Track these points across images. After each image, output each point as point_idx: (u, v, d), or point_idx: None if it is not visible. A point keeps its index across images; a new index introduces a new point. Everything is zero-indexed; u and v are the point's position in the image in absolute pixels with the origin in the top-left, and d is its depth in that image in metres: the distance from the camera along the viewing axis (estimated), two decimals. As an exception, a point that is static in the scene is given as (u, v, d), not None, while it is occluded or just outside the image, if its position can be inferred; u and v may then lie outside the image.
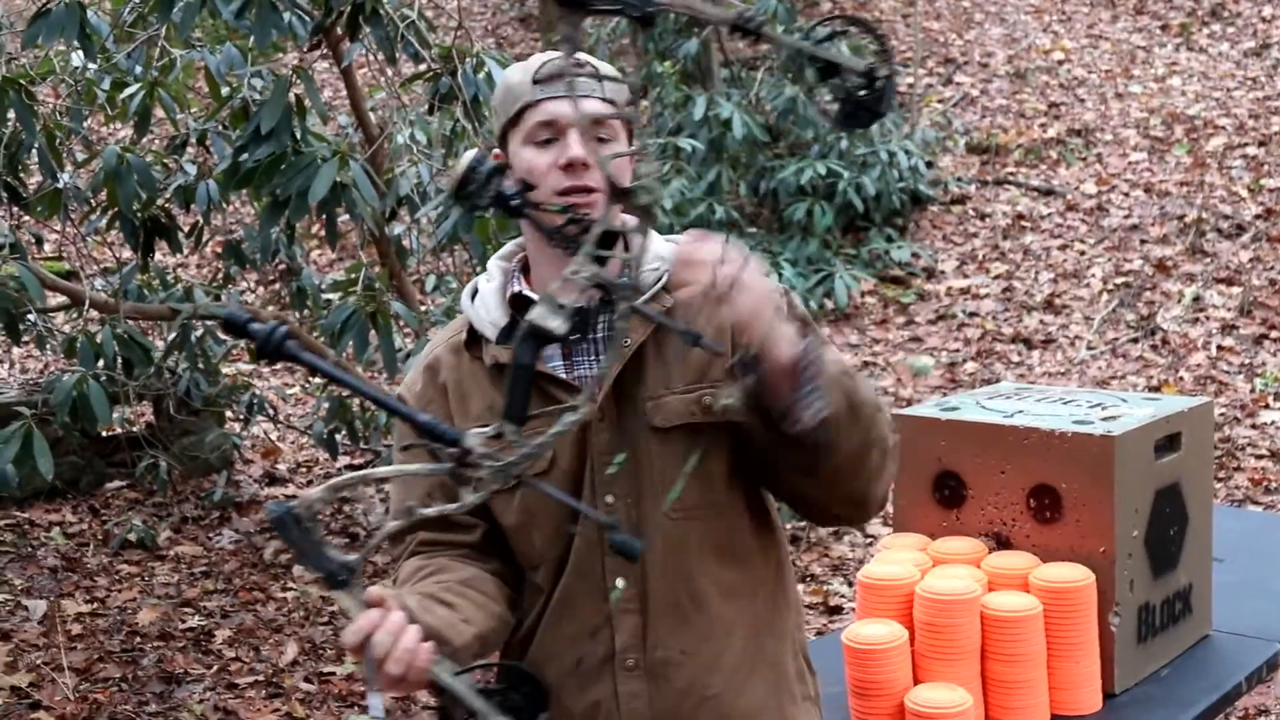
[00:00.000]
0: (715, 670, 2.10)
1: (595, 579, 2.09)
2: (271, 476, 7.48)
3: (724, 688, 2.10)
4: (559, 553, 2.11)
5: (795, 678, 2.20)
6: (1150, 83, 11.55)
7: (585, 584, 2.10)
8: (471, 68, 5.04)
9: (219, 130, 5.36)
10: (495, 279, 2.20)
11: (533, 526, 2.11)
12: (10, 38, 5.41)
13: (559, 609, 2.12)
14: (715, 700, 2.10)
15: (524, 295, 2.14)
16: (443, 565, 2.10)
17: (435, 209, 5.00)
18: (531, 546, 2.13)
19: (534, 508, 2.10)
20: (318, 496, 1.72)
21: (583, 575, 2.09)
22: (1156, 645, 2.99)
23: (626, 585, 2.08)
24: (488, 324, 2.15)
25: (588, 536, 2.09)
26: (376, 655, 1.77)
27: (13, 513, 6.84)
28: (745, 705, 2.12)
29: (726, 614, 2.10)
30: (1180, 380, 7.76)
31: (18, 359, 8.69)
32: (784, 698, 2.16)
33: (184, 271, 8.52)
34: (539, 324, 1.65)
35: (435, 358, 2.21)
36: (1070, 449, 2.84)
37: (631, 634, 2.08)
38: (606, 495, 2.08)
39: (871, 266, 9.57)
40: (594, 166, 2.03)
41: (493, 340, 2.13)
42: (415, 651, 1.79)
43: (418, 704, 4.94)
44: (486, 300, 2.17)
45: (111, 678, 5.15)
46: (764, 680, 2.14)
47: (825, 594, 5.62)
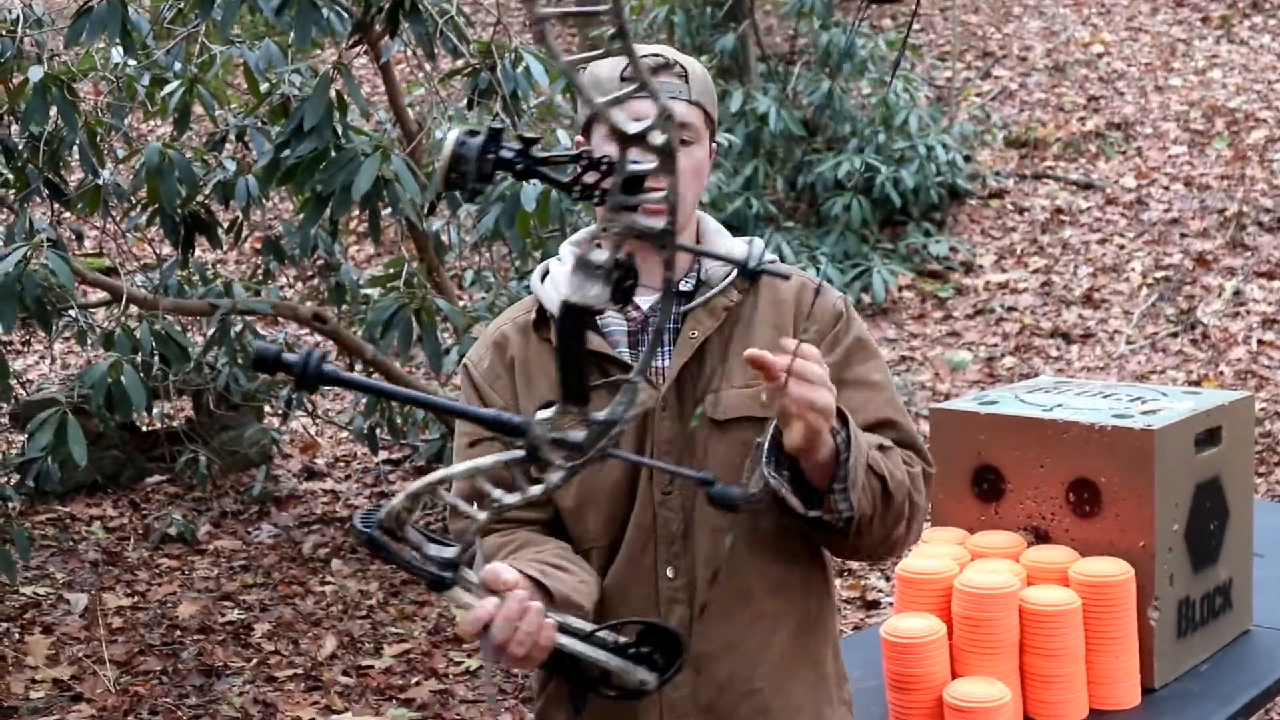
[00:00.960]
0: (758, 664, 2.10)
1: (647, 568, 2.10)
2: (310, 471, 7.52)
3: (765, 683, 2.11)
4: (612, 538, 2.12)
5: (834, 679, 2.21)
6: (1190, 75, 11.46)
7: (637, 573, 2.11)
8: (510, 62, 5.05)
9: (258, 126, 5.39)
10: (568, 262, 2.19)
11: (589, 510, 2.12)
12: (52, 35, 5.45)
13: (610, 595, 2.12)
14: (757, 695, 2.10)
15: None
16: (529, 539, 2.10)
17: (475, 204, 5.01)
18: (586, 530, 2.13)
19: (591, 491, 2.11)
20: (400, 506, 1.69)
21: (634, 563, 2.10)
22: (1196, 640, 2.98)
23: (676, 575, 2.09)
24: (556, 304, 2.13)
25: (641, 525, 2.09)
26: (496, 642, 1.77)
27: (54, 507, 6.90)
28: (786, 702, 2.12)
29: (771, 609, 2.11)
30: (1220, 375, 7.71)
31: (59, 354, 8.75)
32: (822, 699, 2.17)
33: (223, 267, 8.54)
34: (575, 300, 1.52)
35: (503, 334, 2.21)
36: (1110, 443, 2.82)
37: (678, 623, 2.08)
38: (665, 485, 2.09)
39: (909, 261, 9.54)
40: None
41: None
42: (537, 632, 1.79)
43: (455, 698, 4.96)
44: (558, 281, 2.17)
45: (152, 670, 5.19)
46: (804, 680, 2.15)
47: (863, 588, 5.61)
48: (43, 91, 4.73)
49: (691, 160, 2.07)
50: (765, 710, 2.11)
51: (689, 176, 2.07)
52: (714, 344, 2.10)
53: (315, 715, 4.84)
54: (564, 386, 1.62)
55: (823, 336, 2.13)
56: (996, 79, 11.93)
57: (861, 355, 2.14)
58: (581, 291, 1.52)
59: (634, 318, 2.13)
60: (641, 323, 2.13)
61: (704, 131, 2.10)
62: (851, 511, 1.94)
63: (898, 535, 2.04)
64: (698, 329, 2.09)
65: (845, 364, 2.12)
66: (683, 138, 2.06)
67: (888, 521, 2.00)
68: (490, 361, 2.20)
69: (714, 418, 2.07)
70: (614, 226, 1.54)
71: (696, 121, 2.08)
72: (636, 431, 2.09)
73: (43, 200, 5.45)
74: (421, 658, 5.27)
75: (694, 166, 2.08)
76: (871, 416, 2.10)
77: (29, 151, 5.23)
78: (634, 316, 2.13)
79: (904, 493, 2.02)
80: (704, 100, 2.09)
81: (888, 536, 2.02)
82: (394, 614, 5.67)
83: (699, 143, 2.09)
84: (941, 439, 3.10)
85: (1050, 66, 11.96)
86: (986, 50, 12.36)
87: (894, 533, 2.03)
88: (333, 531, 6.62)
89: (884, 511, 1.99)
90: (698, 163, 2.09)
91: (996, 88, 11.75)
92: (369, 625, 5.58)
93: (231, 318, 5.94)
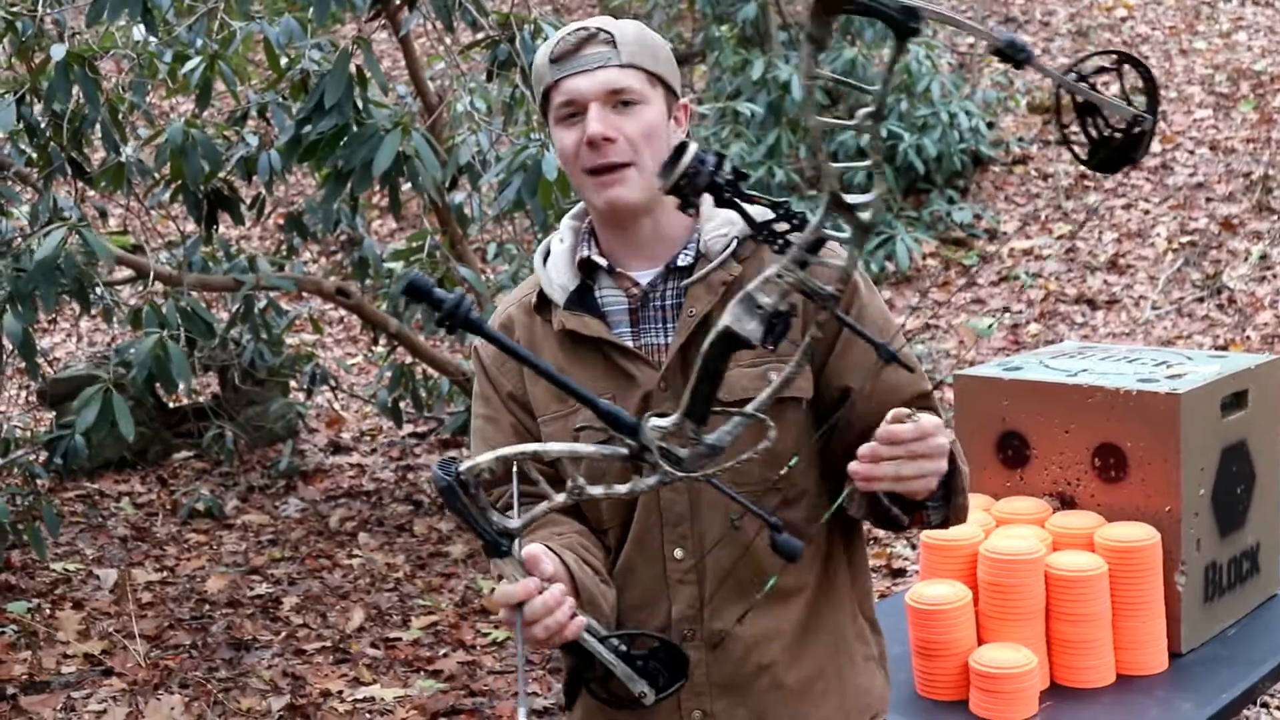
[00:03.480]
0: (772, 639, 2.09)
1: (654, 548, 2.09)
2: (336, 445, 7.54)
3: (780, 656, 2.09)
4: (622, 520, 2.12)
5: (855, 639, 2.18)
6: (1215, 38, 11.37)
7: (645, 553, 2.10)
8: (529, 34, 5.05)
9: (279, 102, 5.39)
10: (567, 240, 2.18)
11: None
12: (73, 14, 5.45)
13: (622, 576, 2.12)
14: (771, 669, 2.09)
15: (593, 260, 2.12)
16: (551, 518, 2.08)
17: (496, 176, 5.01)
18: (599, 512, 2.13)
19: (600, 474, 2.09)
20: (485, 464, 1.71)
21: (642, 544, 2.10)
22: (1223, 605, 2.97)
23: (684, 555, 2.08)
24: (557, 288, 2.13)
25: (647, 505, 2.09)
26: (525, 619, 1.80)
27: (83, 484, 6.94)
28: (802, 673, 2.11)
29: (784, 584, 2.08)
30: (1247, 339, 7.67)
31: (85, 332, 8.79)
32: (843, 661, 2.15)
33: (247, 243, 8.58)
34: (735, 329, 1.61)
35: (509, 316, 2.20)
36: (1135, 407, 2.82)
37: (688, 604, 2.08)
38: None
39: (933, 228, 9.50)
40: (619, 140, 2.01)
41: (560, 305, 2.11)
42: (565, 624, 1.83)
43: (483, 669, 4.98)
44: (557, 262, 2.15)
45: (181, 644, 5.22)
46: (822, 646, 2.13)
47: (889, 556, 5.61)
48: (65, 70, 4.73)
49: (639, 121, 2.03)
50: (781, 684, 2.10)
51: (639, 139, 2.03)
52: (715, 319, 2.04)
53: (344, 687, 4.86)
54: (691, 401, 1.66)
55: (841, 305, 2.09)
56: (1019, 44, 11.86)
57: (890, 329, 2.09)
58: (741, 323, 1.61)
59: (633, 294, 2.10)
60: (641, 299, 2.10)
61: (649, 91, 2.05)
62: (944, 521, 1.96)
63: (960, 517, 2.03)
64: (696, 306, 2.05)
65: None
66: (622, 99, 2.02)
67: (961, 512, 2.00)
68: (503, 360, 2.18)
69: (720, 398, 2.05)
70: (788, 277, 1.60)
71: (634, 84, 2.03)
72: (638, 410, 2.05)
73: (66, 179, 5.46)
74: (449, 629, 5.29)
75: (642, 128, 2.03)
76: (909, 392, 2.07)
77: (51, 130, 5.24)
78: (633, 293, 2.10)
79: (968, 479, 2.01)
80: (640, 61, 2.04)
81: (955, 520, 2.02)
82: (421, 586, 5.70)
83: (645, 103, 2.04)
84: (966, 405, 3.09)
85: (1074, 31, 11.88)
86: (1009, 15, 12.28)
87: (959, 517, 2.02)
88: (359, 505, 6.64)
89: (960, 505, 1.98)
90: (646, 124, 2.03)
91: (1019, 53, 11.67)
92: (396, 598, 5.60)
93: (256, 293, 5.96)
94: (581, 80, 2.02)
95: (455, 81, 5.91)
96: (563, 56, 2.04)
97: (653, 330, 2.10)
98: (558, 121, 2.06)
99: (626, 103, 2.03)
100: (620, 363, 2.08)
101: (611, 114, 2.02)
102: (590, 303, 2.12)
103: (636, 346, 2.09)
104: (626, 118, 2.03)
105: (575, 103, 2.03)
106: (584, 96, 2.02)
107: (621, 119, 2.03)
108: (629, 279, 2.11)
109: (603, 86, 2.02)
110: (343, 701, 4.77)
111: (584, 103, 2.02)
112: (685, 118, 2.15)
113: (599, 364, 2.09)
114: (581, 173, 2.05)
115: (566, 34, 2.05)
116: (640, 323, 2.11)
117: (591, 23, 2.06)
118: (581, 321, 2.09)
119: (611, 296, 2.12)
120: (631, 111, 2.03)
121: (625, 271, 2.11)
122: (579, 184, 2.08)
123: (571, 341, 2.10)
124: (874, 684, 2.21)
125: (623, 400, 2.06)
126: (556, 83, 2.04)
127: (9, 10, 4.95)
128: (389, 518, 6.46)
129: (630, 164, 2.03)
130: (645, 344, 2.10)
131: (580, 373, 2.09)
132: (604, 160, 2.02)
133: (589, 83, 2.02)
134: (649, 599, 2.10)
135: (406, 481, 6.94)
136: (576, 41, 2.03)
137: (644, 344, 2.10)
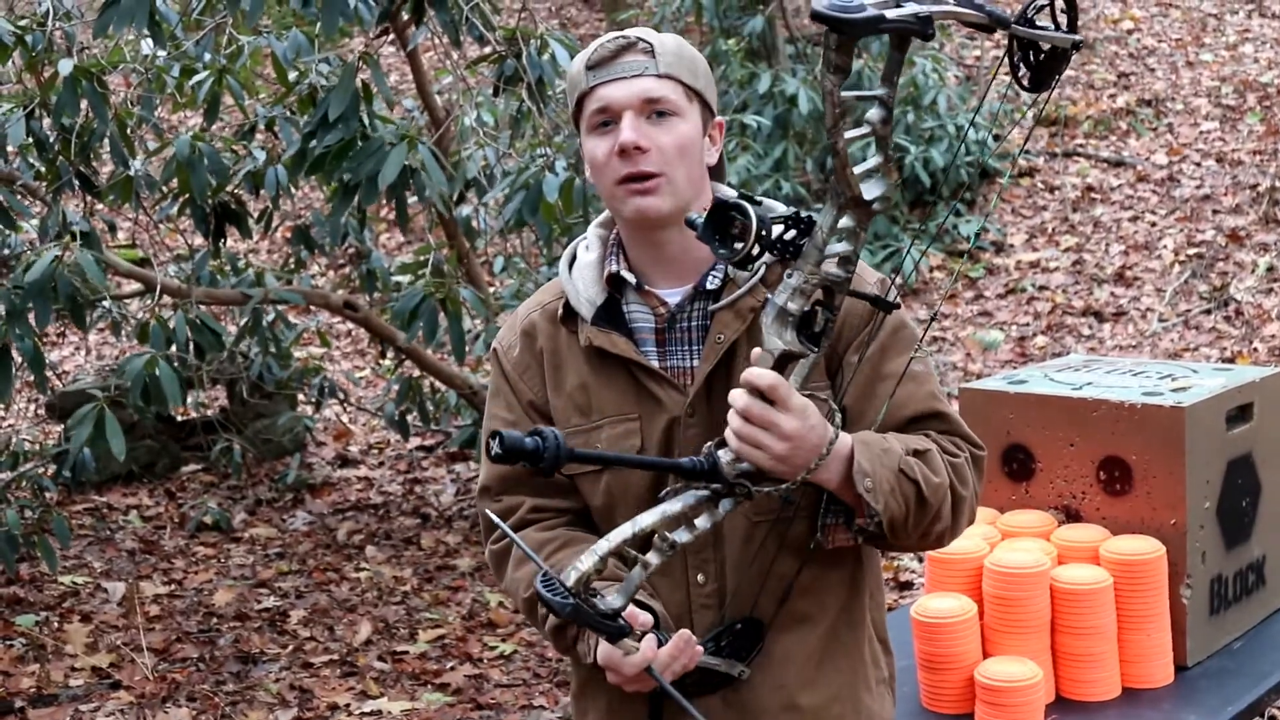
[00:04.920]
0: (789, 663, 2.07)
1: (678, 573, 2.07)
2: (344, 458, 7.55)
3: (797, 680, 2.07)
4: None
5: (871, 663, 2.16)
6: (1222, 50, 11.38)
7: (668, 578, 2.07)
8: (536, 49, 5.06)
9: (287, 116, 5.41)
10: (594, 249, 2.15)
11: (616, 511, 2.07)
12: (82, 28, 5.48)
13: None
14: (787, 691, 2.07)
15: (621, 276, 2.09)
16: (570, 537, 2.10)
17: (502, 191, 5.03)
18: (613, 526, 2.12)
19: (618, 491, 2.09)
20: (590, 569, 1.76)
21: (666, 568, 2.02)
22: (1229, 617, 2.97)
23: (706, 580, 2.07)
24: (584, 302, 2.10)
25: None
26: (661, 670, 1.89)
27: (91, 497, 6.95)
28: (817, 696, 2.08)
29: (802, 609, 2.07)
30: (1254, 352, 7.66)
31: (94, 345, 8.81)
32: (859, 686, 2.13)
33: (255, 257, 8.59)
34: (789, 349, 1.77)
35: (531, 323, 2.17)
36: (1140, 420, 2.82)
37: (708, 628, 2.06)
38: None
39: (940, 241, 9.51)
40: (651, 150, 1.98)
41: (588, 320, 2.09)
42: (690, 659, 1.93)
43: (490, 682, 4.99)
44: (584, 273, 2.12)
45: (189, 657, 5.23)
46: (839, 671, 2.10)
47: (895, 569, 5.61)
48: (73, 84, 4.75)
49: (673, 134, 2.00)
50: (796, 706, 2.07)
51: (672, 152, 2.00)
52: (743, 346, 2.01)
53: (351, 701, 4.87)
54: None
55: (856, 329, 2.05)
56: (1026, 57, 11.86)
57: (899, 346, 2.05)
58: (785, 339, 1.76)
59: (660, 313, 2.08)
60: (668, 320, 2.07)
61: (684, 104, 2.02)
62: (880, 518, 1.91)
63: (938, 530, 1.99)
64: (724, 332, 2.02)
65: (883, 356, 2.04)
66: (657, 109, 2.00)
67: (923, 524, 1.95)
68: (520, 350, 2.16)
69: None
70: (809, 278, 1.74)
71: (670, 94, 2.00)
72: (662, 439, 2.05)
73: (74, 192, 5.48)
74: (456, 643, 5.30)
75: (676, 140, 2.00)
76: (916, 410, 2.04)
77: (60, 144, 5.26)
78: (661, 312, 2.08)
79: (941, 494, 1.96)
80: (678, 72, 2.02)
81: (926, 535, 1.98)
82: (428, 600, 5.70)
83: (680, 116, 2.01)
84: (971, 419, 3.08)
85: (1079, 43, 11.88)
86: (1015, 28, 12.29)
87: (932, 530, 1.98)
88: (367, 518, 6.65)
89: (919, 515, 1.94)
90: (681, 136, 2.01)
91: (1026, 66, 11.68)
92: (403, 611, 5.61)
93: (264, 307, 5.97)
94: (617, 88, 2.00)
95: (462, 96, 5.92)
96: (600, 63, 2.01)
97: (679, 352, 2.08)
98: (590, 129, 2.03)
99: (661, 113, 2.00)
100: (648, 385, 2.06)
101: (646, 124, 1.99)
102: (618, 319, 2.09)
103: (663, 368, 2.07)
104: (660, 129, 2.00)
105: (609, 110, 2.00)
106: (619, 104, 2.00)
107: (655, 129, 2.00)
108: (657, 297, 2.08)
109: (638, 95, 1.99)
110: (350, 715, 4.77)
111: (618, 110, 2.00)
112: (720, 136, 2.12)
113: (626, 383, 2.07)
114: (611, 182, 2.02)
115: (605, 41, 2.03)
116: (666, 343, 2.08)
117: (632, 32, 2.03)
118: (609, 339, 2.06)
119: (639, 313, 2.10)
120: (666, 123, 2.01)
121: (653, 289, 2.09)
122: (608, 194, 2.05)
123: (599, 358, 2.08)
124: (884, 708, 2.19)
125: (648, 423, 2.05)
126: (591, 89, 2.01)
127: (18, 26, 4.97)
128: (396, 531, 6.46)
129: (661, 175, 2.00)
130: (672, 366, 2.07)
131: (606, 391, 2.08)
132: (635, 169, 1.99)
133: (624, 91, 1.99)
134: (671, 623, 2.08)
135: (414, 494, 6.94)
136: (615, 49, 2.01)
137: (670, 366, 2.07)
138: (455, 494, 6.82)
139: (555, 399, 2.12)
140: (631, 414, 2.05)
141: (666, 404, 2.05)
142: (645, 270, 2.10)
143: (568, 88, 2.09)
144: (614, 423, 2.07)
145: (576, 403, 2.10)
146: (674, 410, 2.04)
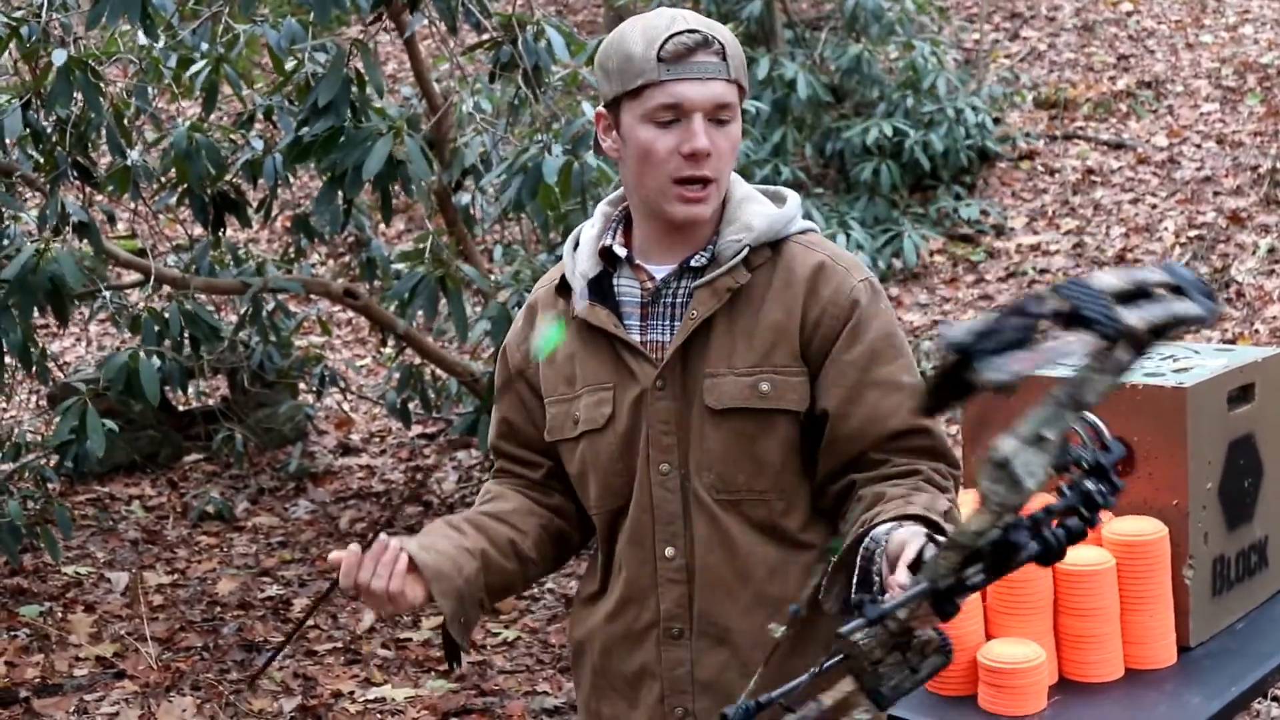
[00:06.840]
0: (757, 645, 2.07)
1: (647, 546, 2.10)
2: (346, 447, 7.55)
3: None
4: (610, 509, 2.14)
5: None
6: (1221, 32, 11.35)
7: (638, 549, 2.11)
8: (532, 36, 5.05)
9: (284, 105, 5.40)
10: (597, 225, 2.18)
11: (589, 478, 2.15)
12: (77, 19, 5.46)
13: (615, 571, 2.15)
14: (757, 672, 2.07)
15: (613, 251, 2.13)
16: (502, 493, 2.23)
17: (498, 177, 5.01)
18: (588, 497, 2.18)
19: (589, 462, 2.14)
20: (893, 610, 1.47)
21: (635, 540, 2.11)
22: (1232, 598, 2.97)
23: (674, 554, 2.09)
24: (578, 275, 2.14)
25: (640, 503, 2.10)
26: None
27: (93, 487, 6.96)
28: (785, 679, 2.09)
29: (772, 590, 2.08)
30: (1256, 333, 7.65)
31: (95, 336, 8.81)
32: None
33: (255, 246, 8.58)
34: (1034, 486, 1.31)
35: (536, 298, 2.24)
36: (1142, 401, 2.81)
37: (675, 603, 2.09)
38: (661, 464, 2.08)
39: (940, 225, 9.48)
40: (715, 155, 2.00)
41: (577, 293, 2.13)
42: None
43: (493, 669, 4.99)
44: (584, 249, 2.16)
45: (193, 646, 5.23)
46: (810, 656, 2.10)
47: (898, 554, 5.61)
48: (67, 75, 4.74)
49: (730, 138, 2.02)
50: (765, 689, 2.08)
51: (728, 156, 2.03)
52: (719, 323, 2.05)
53: (355, 688, 4.87)
54: None
55: (837, 323, 2.05)
56: (1025, 40, 11.85)
57: (890, 354, 2.05)
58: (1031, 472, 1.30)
59: (647, 288, 2.11)
60: (653, 294, 2.10)
61: (738, 107, 2.04)
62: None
63: None
64: (700, 308, 2.05)
65: (870, 363, 2.04)
66: (720, 117, 2.01)
67: None
68: (521, 325, 2.24)
69: (710, 406, 2.04)
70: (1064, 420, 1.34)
71: (734, 100, 2.02)
72: (632, 409, 2.08)
73: (72, 183, 5.47)
74: (459, 630, 5.30)
75: (731, 144, 2.03)
76: (901, 424, 2.03)
77: (57, 135, 5.25)
78: (647, 287, 2.11)
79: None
80: (740, 76, 2.04)
81: None
82: (431, 587, 5.69)
83: (735, 120, 2.03)
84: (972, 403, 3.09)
85: (1079, 26, 11.86)
86: (1014, 11, 12.27)
87: None
88: (369, 506, 6.65)
89: None
90: (734, 140, 2.04)
91: (1025, 49, 11.66)
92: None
93: (264, 295, 5.97)
94: (692, 88, 1.99)
95: (459, 83, 5.91)
96: (675, 58, 1.99)
97: (658, 327, 2.11)
98: (651, 120, 2.01)
99: (723, 120, 2.02)
100: (624, 357, 2.10)
101: (711, 127, 2.00)
102: (607, 292, 2.13)
103: (643, 341, 2.10)
104: (721, 133, 2.02)
105: (680, 108, 1.99)
106: (692, 105, 1.99)
107: (717, 134, 2.01)
108: (646, 272, 2.12)
109: (712, 100, 1.99)
110: (354, 702, 4.78)
111: (689, 110, 1.99)
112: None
113: (607, 355, 2.12)
114: (668, 179, 2.02)
115: (675, 32, 2.00)
116: (649, 317, 2.11)
117: (699, 24, 2.02)
118: (593, 311, 2.11)
119: (628, 287, 2.14)
120: (725, 128, 2.02)
121: (644, 264, 2.12)
122: (658, 188, 2.04)
123: (587, 330, 2.13)
124: None
125: (621, 392, 2.09)
126: (663, 83, 1.99)
127: (12, 17, 4.96)
128: (399, 519, 6.47)
129: (715, 180, 2.02)
130: (650, 340, 2.11)
131: (592, 361, 2.13)
132: (700, 173, 2.00)
133: (700, 93, 1.99)
134: (639, 594, 2.12)
135: (416, 482, 6.94)
136: (692, 44, 1.99)
137: (649, 340, 2.11)
138: (457, 481, 6.82)
139: (546, 369, 2.18)
140: (607, 383, 2.10)
141: (639, 375, 2.09)
142: (646, 247, 2.13)
143: (619, 66, 2.03)
144: (591, 391, 2.13)
145: (564, 373, 2.16)
146: (644, 382, 2.08)
